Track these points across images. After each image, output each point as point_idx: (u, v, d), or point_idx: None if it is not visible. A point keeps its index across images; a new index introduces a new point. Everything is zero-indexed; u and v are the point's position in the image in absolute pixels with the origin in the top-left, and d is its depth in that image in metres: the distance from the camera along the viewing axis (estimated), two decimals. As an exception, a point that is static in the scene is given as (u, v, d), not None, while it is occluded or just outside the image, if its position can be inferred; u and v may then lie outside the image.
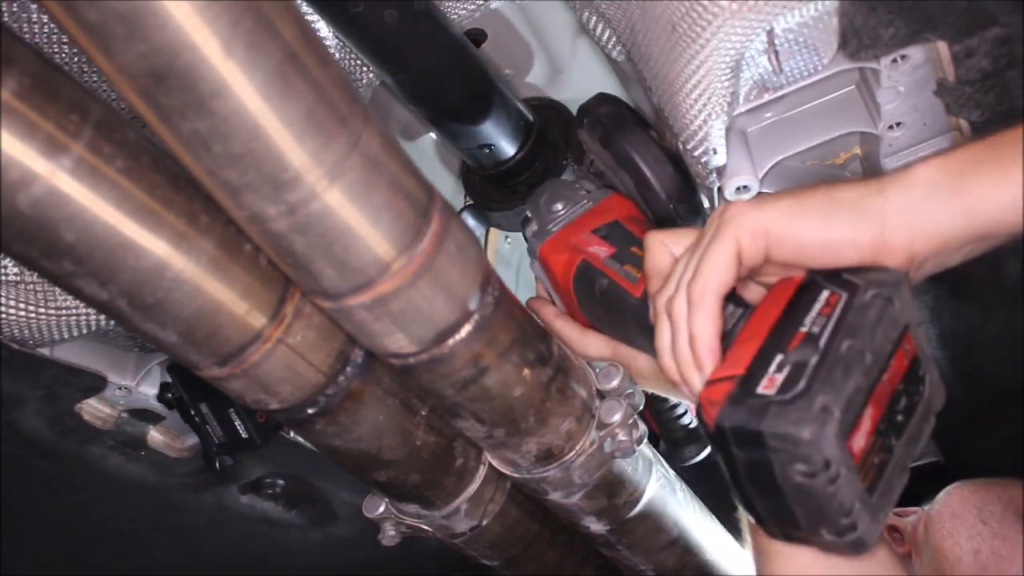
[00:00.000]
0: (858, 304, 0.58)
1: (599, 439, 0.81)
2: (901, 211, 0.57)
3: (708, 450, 1.20)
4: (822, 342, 0.56)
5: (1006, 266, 1.09)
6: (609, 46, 0.97)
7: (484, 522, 0.89)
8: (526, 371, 0.70)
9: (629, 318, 0.80)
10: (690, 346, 0.62)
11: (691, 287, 0.63)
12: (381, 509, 0.91)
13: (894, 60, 0.83)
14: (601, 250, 0.85)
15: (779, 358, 0.57)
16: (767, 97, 0.88)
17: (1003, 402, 1.35)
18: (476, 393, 0.68)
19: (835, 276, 0.60)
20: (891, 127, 0.91)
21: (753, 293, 0.67)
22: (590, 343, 0.87)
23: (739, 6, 0.75)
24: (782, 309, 0.61)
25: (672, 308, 0.64)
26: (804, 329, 0.58)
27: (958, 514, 1.20)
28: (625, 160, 0.90)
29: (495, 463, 0.85)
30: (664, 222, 0.92)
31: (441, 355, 0.63)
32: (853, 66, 0.85)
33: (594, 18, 0.94)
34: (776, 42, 0.81)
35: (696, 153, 0.91)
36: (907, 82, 0.85)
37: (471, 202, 1.32)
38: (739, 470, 0.57)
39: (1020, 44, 0.79)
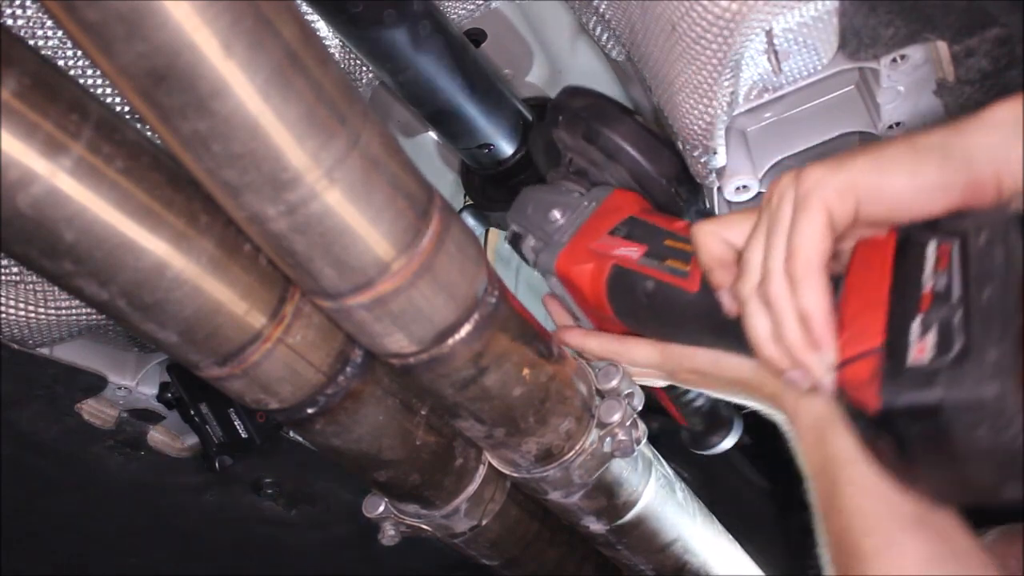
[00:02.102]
0: (977, 249, 0.54)
1: (599, 439, 0.81)
2: (987, 150, 0.56)
3: (735, 437, 1.15)
4: (955, 297, 0.53)
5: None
6: (609, 46, 0.97)
7: (484, 522, 0.89)
8: (526, 371, 0.70)
9: (687, 316, 0.74)
10: (802, 327, 0.59)
11: (792, 265, 0.59)
12: (381, 509, 0.91)
13: (894, 60, 0.83)
14: (631, 251, 0.78)
15: (916, 323, 0.53)
16: (767, 97, 0.88)
17: None
18: (476, 393, 0.68)
19: (932, 228, 0.57)
20: (891, 127, 0.91)
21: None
22: (635, 349, 0.81)
23: (739, 6, 0.75)
24: (889, 272, 0.57)
25: (769, 292, 0.60)
26: (927, 288, 0.54)
27: None
28: (616, 151, 0.85)
29: (495, 463, 0.85)
30: (667, 207, 0.88)
31: (441, 355, 0.63)
32: (853, 66, 0.85)
33: (594, 18, 0.94)
34: (776, 42, 0.81)
35: (696, 153, 0.91)
36: (907, 82, 0.85)
37: (470, 202, 1.32)
38: (911, 448, 0.53)
39: (1020, 44, 0.79)
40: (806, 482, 0.68)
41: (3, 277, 0.87)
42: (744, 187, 0.93)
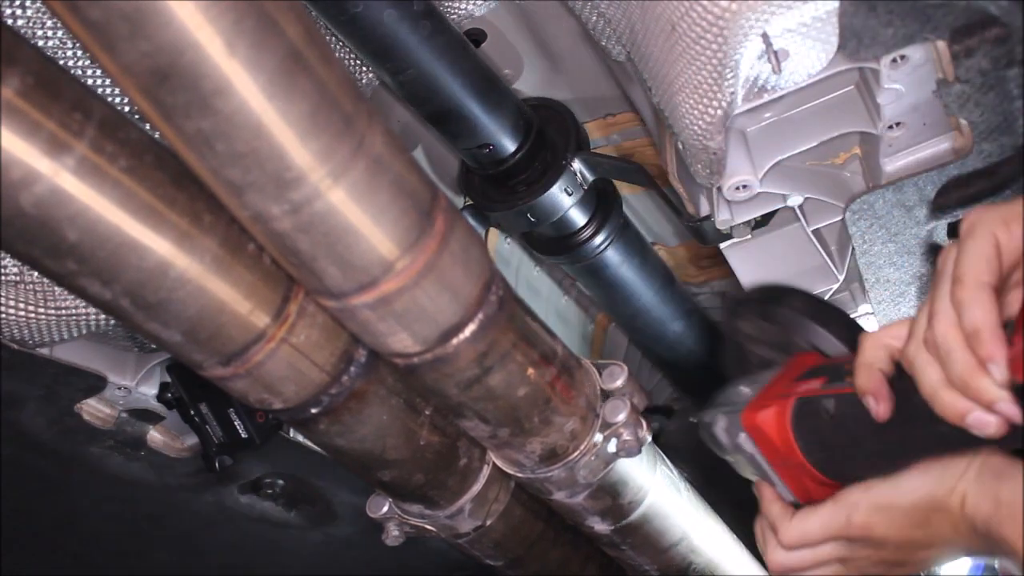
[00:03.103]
0: None
1: (603, 439, 0.80)
2: None
3: None
4: None
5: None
6: (609, 46, 0.97)
7: (488, 522, 0.89)
8: (530, 371, 0.70)
9: (872, 423, 0.70)
10: (970, 350, 0.57)
11: (957, 291, 0.57)
12: (385, 509, 0.91)
13: (894, 60, 0.83)
14: (814, 384, 0.77)
15: None
16: (767, 97, 0.88)
17: None
18: (480, 393, 0.68)
19: None
20: (891, 127, 0.91)
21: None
22: (804, 520, 0.73)
23: (739, 6, 0.75)
24: None
25: (935, 331, 0.59)
26: None
27: None
28: (793, 322, 0.85)
29: (499, 463, 0.85)
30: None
31: (445, 355, 0.63)
32: (853, 66, 0.85)
33: (594, 18, 0.94)
34: (775, 42, 0.81)
35: (696, 153, 0.91)
36: (907, 82, 0.85)
37: (470, 203, 1.32)
38: None
39: (1020, 44, 0.79)
40: None
41: (3, 277, 0.86)
42: (744, 186, 0.94)
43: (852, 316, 0.93)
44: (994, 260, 0.58)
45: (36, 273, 0.78)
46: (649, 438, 0.82)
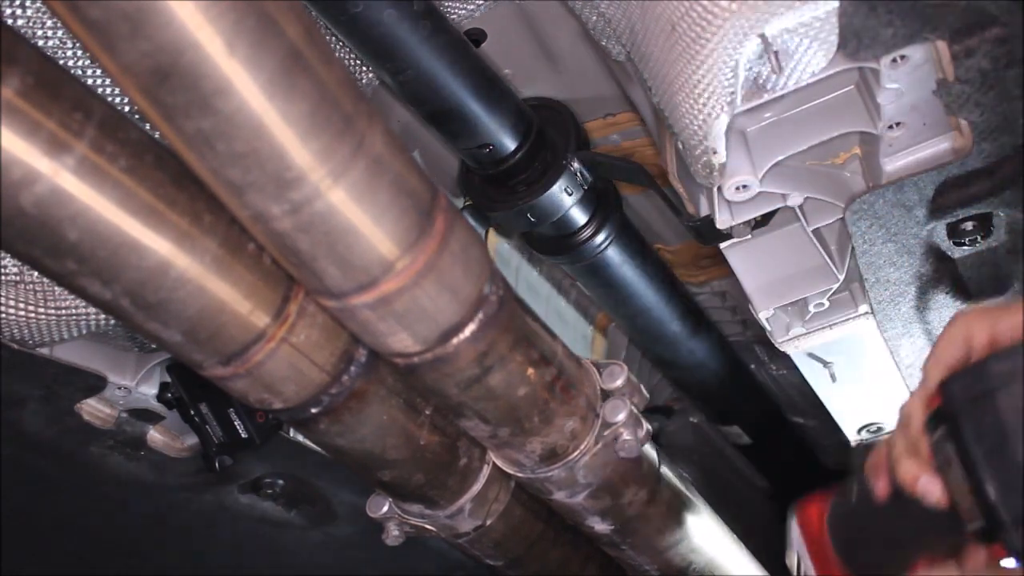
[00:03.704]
0: None
1: (603, 438, 0.81)
2: None
3: None
4: None
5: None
6: (609, 46, 0.97)
7: (488, 522, 0.89)
8: (530, 370, 0.70)
9: (875, 512, 0.74)
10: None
11: (924, 369, 0.66)
12: (385, 509, 0.91)
13: (894, 60, 0.83)
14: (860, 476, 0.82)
15: None
16: (767, 97, 0.88)
17: None
18: (480, 392, 0.68)
19: None
20: (891, 127, 0.91)
21: None
22: None
23: (739, 6, 0.75)
24: None
25: (906, 407, 0.66)
26: None
27: None
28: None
29: (499, 463, 0.85)
30: None
31: (445, 354, 0.63)
32: (853, 66, 0.85)
33: (594, 18, 0.94)
34: (775, 43, 0.81)
35: (696, 153, 0.91)
36: (907, 82, 0.85)
37: (470, 203, 1.33)
38: (972, 450, 0.58)
39: (1020, 44, 0.79)
40: None
41: (3, 277, 0.87)
42: (744, 186, 0.94)
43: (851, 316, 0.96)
44: (953, 347, 0.65)
45: (36, 273, 0.78)
46: (649, 438, 0.82)
